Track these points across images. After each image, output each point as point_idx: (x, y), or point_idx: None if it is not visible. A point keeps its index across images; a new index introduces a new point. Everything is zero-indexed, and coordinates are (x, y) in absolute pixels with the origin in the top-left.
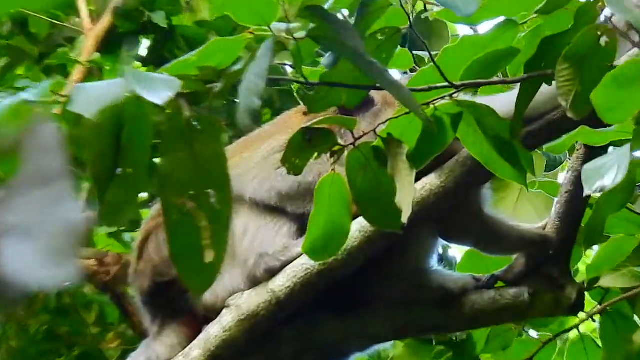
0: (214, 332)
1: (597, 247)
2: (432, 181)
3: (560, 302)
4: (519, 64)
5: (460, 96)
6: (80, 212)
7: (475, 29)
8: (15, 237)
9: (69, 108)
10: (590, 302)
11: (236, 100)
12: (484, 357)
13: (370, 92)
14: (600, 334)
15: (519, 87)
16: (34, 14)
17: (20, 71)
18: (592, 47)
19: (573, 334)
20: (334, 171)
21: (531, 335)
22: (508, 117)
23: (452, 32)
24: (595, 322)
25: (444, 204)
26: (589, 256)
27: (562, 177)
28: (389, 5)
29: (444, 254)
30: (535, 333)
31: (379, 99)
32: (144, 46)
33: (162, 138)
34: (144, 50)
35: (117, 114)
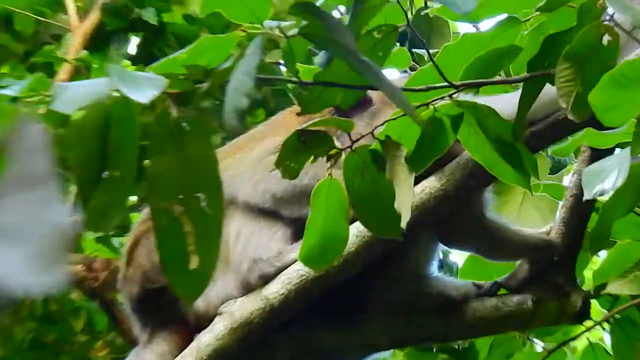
0: (205, 340)
1: (603, 253)
2: (432, 184)
3: (565, 310)
4: (522, 63)
5: (461, 96)
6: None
7: (477, 27)
8: None
9: (51, 107)
10: (595, 309)
11: None
12: None
13: (368, 91)
14: (611, 343)
15: (522, 87)
16: (19, 10)
17: (5, 70)
18: (594, 46)
19: (582, 342)
20: (330, 176)
21: (536, 343)
22: (511, 118)
23: (454, 30)
24: (602, 331)
25: (444, 208)
26: (596, 263)
27: (567, 180)
28: (386, 2)
29: (444, 259)
30: (540, 342)
31: (377, 98)
32: (133, 44)
33: (149, 139)
34: (134, 48)
35: (104, 114)
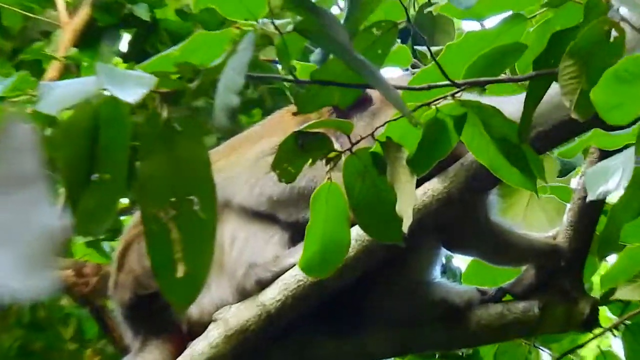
0: (199, 348)
1: (612, 257)
2: (434, 186)
3: (572, 317)
4: (528, 61)
5: (465, 95)
6: (57, 218)
7: (483, 25)
8: None
9: (36, 107)
10: (603, 315)
11: None
12: None
13: (368, 90)
14: (624, 350)
15: (527, 86)
16: (7, 6)
17: None
18: (599, 43)
19: (590, 350)
20: (330, 180)
21: (542, 351)
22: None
23: (459, 28)
24: (611, 338)
25: (447, 211)
26: (605, 268)
27: (575, 182)
28: None
29: (447, 264)
30: (546, 350)
31: (377, 97)
32: (125, 41)
33: (140, 140)
34: (125, 45)
35: (92, 114)
